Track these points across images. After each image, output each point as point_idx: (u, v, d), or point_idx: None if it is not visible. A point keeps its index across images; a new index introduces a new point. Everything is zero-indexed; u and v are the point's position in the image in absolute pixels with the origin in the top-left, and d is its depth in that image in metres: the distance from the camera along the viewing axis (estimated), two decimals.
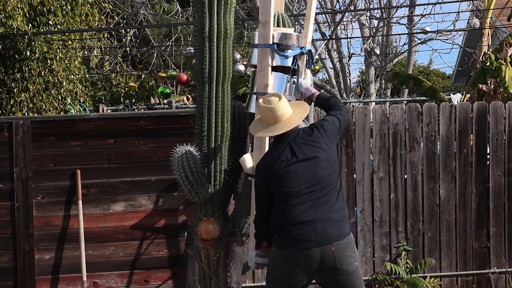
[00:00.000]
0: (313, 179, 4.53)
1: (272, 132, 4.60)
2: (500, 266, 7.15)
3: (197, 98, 5.13)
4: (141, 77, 16.45)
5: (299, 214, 4.49)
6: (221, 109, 5.08)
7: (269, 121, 4.60)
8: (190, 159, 4.98)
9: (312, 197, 4.51)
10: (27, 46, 10.13)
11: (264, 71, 4.92)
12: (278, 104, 4.57)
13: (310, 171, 4.54)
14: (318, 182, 4.53)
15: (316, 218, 4.48)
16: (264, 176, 4.58)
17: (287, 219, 4.50)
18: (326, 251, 4.45)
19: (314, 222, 4.47)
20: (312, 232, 4.46)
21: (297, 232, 4.47)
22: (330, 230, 4.49)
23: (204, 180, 5.04)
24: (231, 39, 5.09)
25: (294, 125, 4.59)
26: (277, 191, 4.54)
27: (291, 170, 4.53)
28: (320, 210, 4.50)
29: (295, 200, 4.50)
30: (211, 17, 5.02)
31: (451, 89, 22.44)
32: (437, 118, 7.14)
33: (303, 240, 4.46)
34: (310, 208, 4.50)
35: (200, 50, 5.08)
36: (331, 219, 4.50)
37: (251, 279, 6.99)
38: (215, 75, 5.05)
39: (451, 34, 14.18)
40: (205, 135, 5.09)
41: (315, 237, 4.45)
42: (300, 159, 4.55)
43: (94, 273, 6.74)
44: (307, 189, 4.51)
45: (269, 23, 4.92)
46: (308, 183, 4.52)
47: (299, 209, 4.49)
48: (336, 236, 4.49)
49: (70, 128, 6.80)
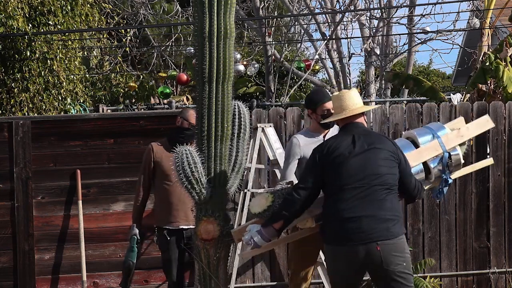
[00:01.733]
0: (366, 172, 4.49)
1: (335, 117, 4.72)
2: (500, 266, 7.15)
3: (197, 98, 5.13)
4: (141, 77, 16.47)
5: (346, 209, 4.45)
6: (221, 109, 5.08)
7: (337, 110, 4.71)
8: (190, 159, 4.98)
9: (362, 193, 4.46)
10: (27, 46, 10.13)
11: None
12: (347, 93, 4.73)
13: (365, 164, 4.50)
14: (372, 175, 4.48)
15: (362, 214, 4.43)
16: (319, 159, 4.58)
17: (334, 214, 4.49)
18: (371, 250, 4.40)
19: (359, 218, 4.42)
20: (356, 229, 4.42)
21: (342, 228, 4.44)
22: (376, 229, 4.42)
23: (204, 180, 5.04)
24: (231, 39, 5.09)
25: (358, 111, 4.66)
26: (329, 179, 4.54)
27: (345, 162, 4.51)
28: (368, 207, 4.45)
29: (343, 195, 4.47)
30: (211, 17, 5.01)
31: (451, 89, 22.44)
32: (437, 118, 7.14)
33: (347, 237, 4.43)
34: (358, 203, 4.45)
35: (200, 50, 5.07)
36: (378, 217, 4.44)
37: (251, 279, 6.99)
38: (215, 75, 5.04)
39: (451, 34, 14.19)
40: (205, 135, 5.09)
41: (359, 235, 4.41)
42: (357, 152, 4.54)
43: (94, 273, 6.75)
44: (358, 182, 4.47)
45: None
46: (360, 176, 4.48)
47: (347, 204, 4.45)
48: (383, 235, 4.42)
49: (70, 128, 6.80)
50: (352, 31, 18.64)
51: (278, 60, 15.67)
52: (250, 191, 6.58)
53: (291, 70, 15.50)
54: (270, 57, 15.28)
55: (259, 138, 6.64)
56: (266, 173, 7.06)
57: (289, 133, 7.00)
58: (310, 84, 20.54)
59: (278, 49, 17.43)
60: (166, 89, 16.06)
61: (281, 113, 7.03)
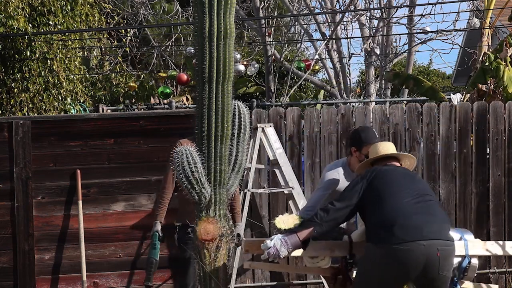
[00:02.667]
0: (414, 185, 4.61)
1: (400, 154, 5.00)
2: (500, 266, 7.15)
3: (197, 98, 5.13)
4: (141, 77, 16.46)
5: (400, 211, 4.43)
6: (221, 109, 5.08)
7: (390, 149, 4.93)
8: (190, 159, 4.98)
9: (416, 200, 4.49)
10: (27, 46, 10.13)
11: None
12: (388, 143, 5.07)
13: (411, 180, 4.66)
14: (419, 188, 4.60)
15: (420, 215, 4.43)
16: (367, 177, 4.63)
17: (387, 216, 4.43)
18: (431, 255, 4.36)
19: (421, 224, 4.40)
20: (416, 227, 4.39)
21: (402, 226, 4.38)
22: (437, 234, 4.41)
23: (204, 180, 5.04)
24: (231, 39, 5.09)
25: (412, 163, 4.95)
26: (377, 192, 4.54)
27: (393, 173, 4.67)
28: (426, 211, 4.47)
29: (399, 200, 4.47)
30: (211, 17, 5.01)
31: (451, 89, 22.43)
32: (437, 118, 7.14)
33: (409, 234, 4.37)
34: (415, 209, 4.45)
35: (200, 50, 5.07)
36: (437, 223, 4.45)
37: (251, 279, 6.99)
38: (215, 75, 5.04)
39: (451, 34, 14.17)
40: (205, 135, 5.09)
41: (421, 233, 4.38)
42: (400, 170, 4.75)
43: (94, 273, 6.75)
44: (410, 191, 4.54)
45: None
46: (410, 187, 4.57)
47: (400, 208, 4.44)
48: (443, 236, 4.43)
49: (70, 128, 6.80)
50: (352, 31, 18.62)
51: (278, 60, 15.67)
52: (250, 191, 6.58)
53: (291, 70, 15.50)
54: (270, 57, 15.28)
55: (259, 138, 6.64)
56: (266, 173, 7.06)
57: (289, 133, 7.00)
58: (310, 84, 20.55)
59: (278, 49, 17.43)
60: (166, 89, 16.06)
61: (281, 113, 7.03)
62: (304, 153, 7.11)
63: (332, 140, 7.04)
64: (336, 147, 7.05)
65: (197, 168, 4.98)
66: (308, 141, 7.04)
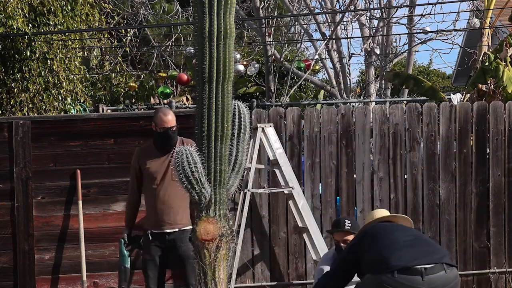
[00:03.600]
0: (409, 230, 4.81)
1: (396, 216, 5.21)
2: (500, 266, 7.15)
3: (197, 98, 5.13)
4: (141, 77, 16.47)
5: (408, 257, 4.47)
6: (221, 109, 5.08)
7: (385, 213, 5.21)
8: (190, 159, 4.98)
9: (413, 237, 4.66)
10: (27, 46, 10.12)
11: None
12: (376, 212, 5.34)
13: (403, 227, 4.82)
14: (414, 231, 4.87)
15: (423, 249, 4.55)
16: (360, 238, 4.77)
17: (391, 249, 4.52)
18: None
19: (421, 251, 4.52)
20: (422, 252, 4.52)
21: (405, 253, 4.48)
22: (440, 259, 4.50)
23: (204, 180, 5.04)
24: (231, 39, 5.09)
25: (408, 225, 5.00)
26: (374, 234, 4.69)
27: (386, 225, 4.83)
28: (425, 243, 4.63)
29: (395, 238, 4.61)
30: (211, 17, 5.01)
31: (451, 89, 22.44)
32: (437, 118, 7.14)
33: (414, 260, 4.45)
34: (412, 243, 4.58)
35: (200, 50, 5.07)
36: (438, 250, 4.62)
37: (251, 279, 6.99)
38: (215, 75, 5.04)
39: (451, 34, 14.17)
40: (205, 135, 5.09)
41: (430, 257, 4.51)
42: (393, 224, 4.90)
43: (94, 273, 6.74)
44: (405, 232, 4.70)
45: None
46: (405, 230, 4.76)
47: (401, 251, 4.50)
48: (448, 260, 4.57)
49: (70, 128, 6.80)
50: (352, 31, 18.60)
51: (278, 60, 15.67)
52: (250, 191, 6.58)
53: (291, 70, 15.49)
54: (270, 57, 15.28)
55: (259, 138, 6.64)
56: (266, 173, 7.06)
57: (289, 133, 7.00)
58: (310, 84, 20.55)
59: (278, 49, 17.43)
60: (166, 89, 16.06)
61: (281, 113, 7.03)
62: (304, 153, 7.11)
63: (332, 140, 7.04)
64: (336, 147, 7.05)
65: (197, 168, 4.98)
66: (308, 141, 7.04)
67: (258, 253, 6.98)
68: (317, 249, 6.55)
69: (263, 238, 6.98)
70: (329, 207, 7.05)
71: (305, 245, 6.85)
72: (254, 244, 6.98)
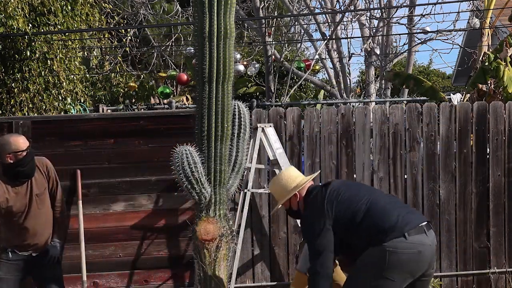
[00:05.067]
0: (370, 190, 4.80)
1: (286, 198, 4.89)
2: (500, 266, 7.15)
3: (197, 98, 5.14)
4: (141, 77, 16.47)
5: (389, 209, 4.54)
6: (221, 109, 5.08)
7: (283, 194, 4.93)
8: (190, 159, 4.98)
9: (393, 200, 4.71)
10: (27, 46, 10.13)
11: None
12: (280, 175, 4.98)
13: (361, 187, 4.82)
14: (378, 192, 4.85)
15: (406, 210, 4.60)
16: (325, 212, 4.63)
17: (379, 217, 4.51)
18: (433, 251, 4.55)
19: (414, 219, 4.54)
20: (416, 218, 4.54)
21: (403, 218, 4.50)
22: (423, 218, 4.62)
23: (204, 180, 5.04)
24: (231, 39, 5.09)
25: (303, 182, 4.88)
26: (350, 207, 4.59)
27: (347, 190, 4.70)
28: (401, 206, 4.66)
29: (373, 206, 4.56)
30: (211, 17, 5.02)
31: (451, 89, 22.45)
32: (437, 118, 7.14)
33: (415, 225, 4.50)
34: (394, 206, 4.60)
35: (200, 50, 5.08)
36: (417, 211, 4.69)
37: (251, 279, 6.99)
38: (215, 75, 5.05)
39: (451, 34, 14.18)
40: (205, 135, 5.10)
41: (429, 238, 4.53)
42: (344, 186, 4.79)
43: (94, 273, 6.74)
44: (381, 197, 4.70)
45: None
46: (375, 193, 4.76)
47: (385, 208, 4.54)
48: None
49: (70, 128, 6.79)
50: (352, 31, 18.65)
51: (278, 60, 15.67)
52: (250, 191, 6.58)
53: (291, 70, 15.50)
54: (270, 57, 15.29)
55: (259, 138, 6.64)
56: (266, 173, 7.06)
57: (289, 133, 7.00)
58: (310, 84, 20.55)
59: (278, 49, 17.43)
60: (166, 89, 16.07)
61: (281, 113, 7.03)
62: (304, 153, 7.11)
63: (332, 140, 7.04)
64: (336, 147, 7.05)
65: (197, 168, 4.99)
66: (308, 141, 7.04)
67: (258, 253, 6.98)
68: None
69: (263, 238, 6.98)
70: None
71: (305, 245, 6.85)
72: (254, 244, 6.98)
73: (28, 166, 5.43)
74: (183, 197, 6.26)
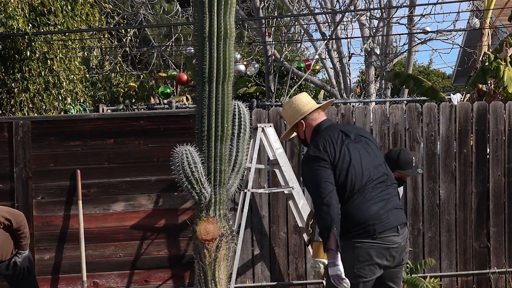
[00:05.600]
0: (372, 172, 4.47)
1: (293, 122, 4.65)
2: (500, 266, 7.15)
3: (197, 98, 5.14)
4: (141, 77, 16.46)
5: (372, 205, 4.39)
6: (221, 109, 5.08)
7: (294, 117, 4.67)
8: (190, 159, 4.98)
9: (376, 191, 4.44)
10: (27, 46, 10.12)
11: None
12: (294, 99, 4.70)
13: (369, 161, 4.50)
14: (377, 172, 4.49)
15: (389, 208, 4.43)
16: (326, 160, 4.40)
17: (363, 211, 4.37)
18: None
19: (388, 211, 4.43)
20: (394, 219, 4.41)
21: (382, 218, 4.37)
22: (401, 219, 4.47)
23: (204, 180, 5.04)
24: (231, 39, 5.09)
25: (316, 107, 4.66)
26: (342, 182, 4.39)
27: (356, 155, 4.44)
28: (389, 202, 4.47)
29: (362, 195, 4.38)
30: (211, 17, 5.02)
31: (451, 89, 22.44)
32: (437, 118, 7.14)
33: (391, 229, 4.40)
34: (380, 199, 4.42)
35: (200, 50, 5.08)
36: (400, 209, 4.50)
37: (251, 279, 6.99)
38: (215, 75, 5.05)
39: (451, 34, 14.19)
40: (205, 135, 5.10)
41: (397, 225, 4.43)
42: (356, 146, 4.50)
43: (94, 273, 6.75)
44: (370, 183, 4.44)
45: None
46: (370, 175, 4.45)
47: (372, 201, 4.38)
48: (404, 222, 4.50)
49: (70, 128, 6.80)
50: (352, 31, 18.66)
51: (278, 60, 15.68)
52: (250, 191, 6.58)
53: (291, 70, 15.50)
54: (270, 57, 15.29)
55: (259, 138, 6.64)
56: (266, 173, 7.06)
57: None
58: (310, 84, 20.54)
59: (278, 49, 17.43)
60: (166, 89, 16.07)
61: (281, 113, 7.03)
62: (304, 153, 7.11)
63: None
64: None
65: (197, 168, 4.99)
66: None
67: (258, 253, 6.98)
68: None
69: (263, 238, 6.98)
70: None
71: (305, 245, 6.85)
72: (254, 244, 6.99)
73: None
74: (183, 197, 6.27)
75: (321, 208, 4.32)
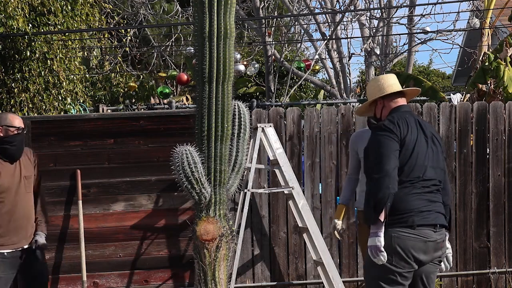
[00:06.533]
0: (435, 169, 4.51)
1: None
2: (500, 266, 7.15)
3: (197, 98, 5.13)
4: (141, 77, 16.46)
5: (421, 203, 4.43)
6: (221, 109, 5.08)
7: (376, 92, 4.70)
8: (190, 159, 4.98)
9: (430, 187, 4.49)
10: (27, 46, 10.12)
11: None
12: (382, 77, 4.73)
13: (434, 159, 4.52)
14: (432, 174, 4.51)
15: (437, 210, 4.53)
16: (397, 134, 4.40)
17: (411, 203, 4.40)
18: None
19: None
20: (434, 218, 4.49)
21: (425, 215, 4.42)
22: (441, 220, 4.53)
23: (204, 180, 5.04)
24: (231, 39, 5.09)
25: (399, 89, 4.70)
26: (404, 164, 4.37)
27: (422, 148, 4.45)
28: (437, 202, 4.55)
29: (417, 187, 4.40)
30: (211, 17, 5.01)
31: (451, 89, 22.44)
32: (437, 118, 7.14)
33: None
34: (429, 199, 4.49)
35: (200, 50, 5.08)
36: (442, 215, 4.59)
37: (251, 279, 6.99)
38: (215, 75, 5.04)
39: (451, 34, 14.20)
40: (205, 135, 5.09)
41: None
42: (427, 142, 4.52)
43: (94, 273, 6.74)
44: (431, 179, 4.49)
45: None
46: (431, 171, 4.49)
47: (422, 197, 4.43)
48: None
49: (70, 128, 6.80)
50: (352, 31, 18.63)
51: (278, 60, 15.68)
52: (250, 191, 6.58)
53: (291, 70, 15.50)
54: (270, 57, 15.29)
55: (259, 138, 6.64)
56: (266, 173, 7.06)
57: (289, 133, 7.00)
58: (310, 84, 20.55)
59: (278, 49, 17.44)
60: (166, 89, 16.06)
61: (281, 113, 7.03)
62: (304, 153, 7.11)
63: (332, 140, 7.04)
64: (336, 147, 7.05)
65: (197, 168, 4.98)
66: (308, 141, 7.04)
67: (258, 253, 6.98)
68: (317, 249, 6.55)
69: (263, 238, 6.98)
70: (329, 207, 7.04)
71: (305, 245, 6.85)
72: (254, 244, 6.99)
73: (15, 146, 5.41)
74: (183, 197, 6.28)
75: (382, 178, 4.27)
